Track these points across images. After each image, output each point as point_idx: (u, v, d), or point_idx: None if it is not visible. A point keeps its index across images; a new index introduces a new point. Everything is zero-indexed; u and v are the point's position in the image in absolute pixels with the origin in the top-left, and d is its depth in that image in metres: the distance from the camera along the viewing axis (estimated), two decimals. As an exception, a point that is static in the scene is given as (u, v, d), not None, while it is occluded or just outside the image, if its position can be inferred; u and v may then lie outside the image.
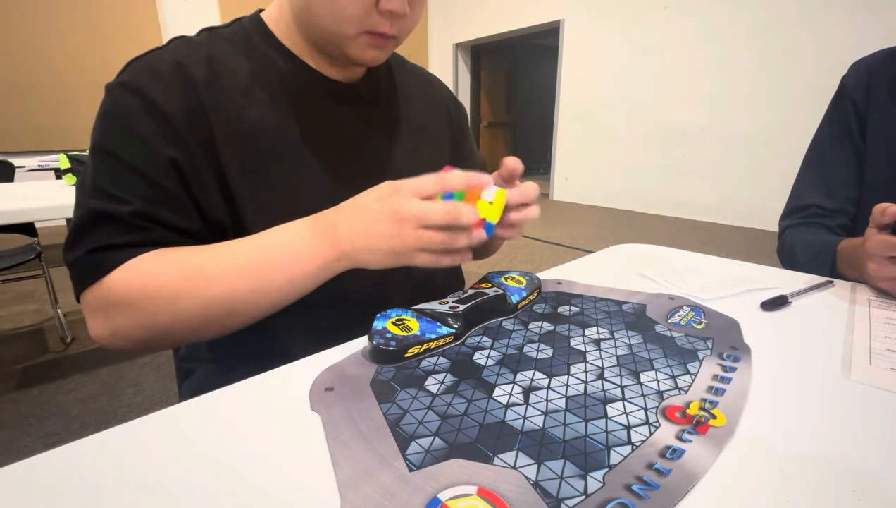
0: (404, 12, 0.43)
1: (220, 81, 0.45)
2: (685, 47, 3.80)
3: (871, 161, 0.72)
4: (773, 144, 3.43)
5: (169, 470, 0.25)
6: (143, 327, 0.40)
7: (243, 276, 0.40)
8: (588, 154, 4.75)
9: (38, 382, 1.50)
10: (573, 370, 0.36)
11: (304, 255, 0.40)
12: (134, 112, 0.42)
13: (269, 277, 0.40)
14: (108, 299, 0.40)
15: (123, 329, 0.41)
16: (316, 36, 0.47)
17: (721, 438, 0.28)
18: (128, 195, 0.41)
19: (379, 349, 0.37)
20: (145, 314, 0.40)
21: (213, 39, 0.48)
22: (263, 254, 0.40)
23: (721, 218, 3.84)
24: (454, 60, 5.92)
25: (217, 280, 0.40)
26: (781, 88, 3.33)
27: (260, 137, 0.46)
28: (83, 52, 3.88)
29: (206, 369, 0.54)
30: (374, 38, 0.45)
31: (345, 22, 0.43)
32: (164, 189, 0.42)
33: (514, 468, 0.25)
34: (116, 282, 0.40)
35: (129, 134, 0.42)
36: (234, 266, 0.40)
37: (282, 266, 0.40)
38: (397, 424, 0.29)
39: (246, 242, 0.42)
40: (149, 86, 0.42)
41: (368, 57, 0.47)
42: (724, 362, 0.37)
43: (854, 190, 0.75)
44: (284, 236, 0.41)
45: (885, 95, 0.70)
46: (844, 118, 0.75)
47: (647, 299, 0.50)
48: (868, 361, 0.37)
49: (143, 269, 0.40)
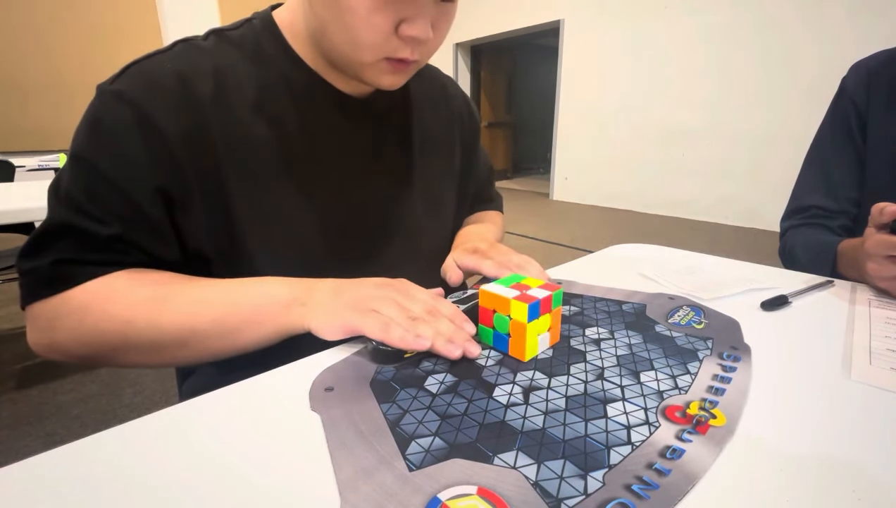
0: (427, 37, 0.40)
1: (227, 97, 0.42)
2: (685, 47, 3.80)
3: (872, 162, 0.72)
4: (773, 143, 3.43)
5: (169, 470, 0.25)
6: (87, 345, 0.38)
7: (210, 317, 0.38)
8: (588, 154, 4.75)
9: (38, 382, 1.50)
10: (573, 370, 0.36)
11: (279, 314, 0.38)
12: (125, 126, 0.38)
13: (238, 329, 0.39)
14: (58, 311, 0.38)
15: (63, 344, 0.39)
16: (331, 56, 0.44)
17: (721, 438, 0.28)
18: (106, 215, 0.39)
19: (379, 349, 0.36)
20: (93, 334, 0.38)
21: (220, 45, 0.45)
22: (240, 306, 0.39)
23: (721, 218, 3.84)
24: (454, 60, 5.92)
25: (180, 311, 0.38)
26: (782, 88, 3.33)
27: (266, 154, 0.44)
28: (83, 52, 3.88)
29: (206, 369, 0.54)
30: (394, 64, 0.42)
31: (362, 49, 0.40)
32: (145, 214, 0.40)
33: (514, 468, 0.25)
34: (74, 296, 0.38)
35: (116, 149, 0.39)
36: (206, 302, 0.39)
37: (255, 323, 0.39)
38: (397, 424, 0.29)
39: (225, 286, 0.40)
40: (146, 99, 0.39)
41: (386, 83, 0.44)
42: (724, 362, 0.37)
43: (855, 191, 0.75)
44: (265, 293, 0.39)
45: (885, 97, 0.70)
46: (845, 119, 0.75)
47: (646, 299, 0.50)
48: (868, 361, 0.37)
49: (107, 287, 0.38)
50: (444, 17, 0.42)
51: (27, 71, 3.70)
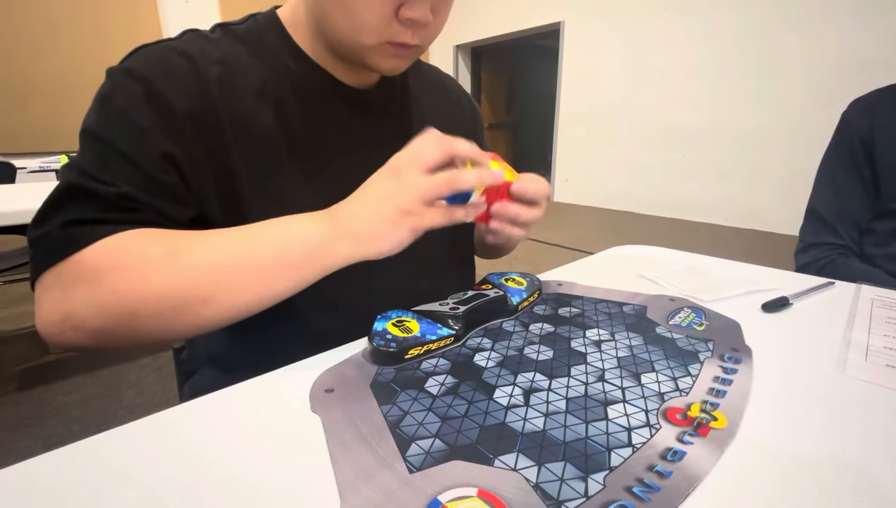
0: (427, 20, 0.41)
1: (234, 81, 0.43)
2: (685, 48, 3.80)
3: (886, 185, 0.75)
4: (773, 145, 3.42)
5: (169, 471, 0.25)
6: (103, 311, 0.34)
7: (234, 264, 0.36)
8: (588, 155, 4.75)
9: (39, 383, 1.50)
10: (574, 372, 0.36)
11: (313, 253, 0.37)
12: (135, 100, 0.39)
13: (271, 274, 0.37)
14: (72, 274, 0.35)
15: (78, 313, 0.35)
16: (333, 42, 0.45)
17: (722, 440, 0.28)
18: (116, 180, 0.37)
19: (379, 351, 0.36)
20: (110, 294, 0.34)
21: (226, 38, 0.46)
22: (271, 249, 0.37)
23: (721, 219, 3.84)
24: (455, 62, 5.93)
25: (199, 263, 0.36)
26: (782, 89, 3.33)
27: (270, 142, 0.44)
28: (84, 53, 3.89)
29: (206, 370, 0.54)
30: (396, 47, 0.43)
31: (363, 32, 0.41)
32: (157, 181, 0.39)
33: (515, 469, 0.25)
34: (87, 256, 0.35)
35: (125, 122, 0.39)
36: (228, 249, 0.37)
37: (291, 267, 0.37)
38: (397, 425, 0.29)
39: (250, 231, 0.38)
40: (155, 76, 0.40)
41: (388, 67, 0.45)
42: (725, 363, 0.37)
43: (866, 218, 0.79)
44: (294, 233, 0.38)
45: (890, 124, 0.74)
46: (851, 151, 0.79)
47: (647, 301, 0.50)
48: (870, 361, 0.37)
49: (122, 245, 0.36)
50: (444, 1, 0.43)
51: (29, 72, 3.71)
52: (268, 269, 0.37)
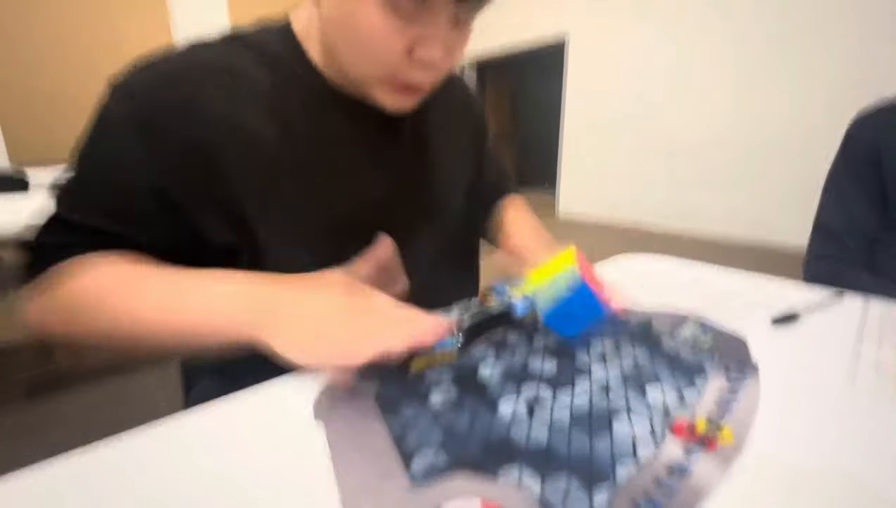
0: (441, 64, 0.39)
1: (238, 97, 0.42)
2: (691, 60, 3.83)
3: (893, 197, 0.76)
4: (780, 155, 3.42)
5: (172, 480, 0.25)
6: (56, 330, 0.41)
7: (159, 318, 0.37)
8: (593, 167, 4.76)
9: (45, 392, 1.51)
10: (578, 385, 0.35)
11: (229, 330, 0.36)
12: (129, 131, 0.39)
13: (183, 330, 0.37)
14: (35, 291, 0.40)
15: (42, 323, 0.41)
16: (342, 71, 0.44)
17: (729, 455, 0.27)
18: (92, 211, 0.40)
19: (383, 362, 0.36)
20: (53, 316, 0.40)
21: (234, 47, 0.45)
22: (192, 313, 0.37)
23: (728, 230, 3.82)
24: (460, 75, 6.00)
25: (125, 313, 0.38)
26: (789, 100, 3.33)
27: (275, 153, 0.44)
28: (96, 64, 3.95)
29: (210, 379, 0.54)
30: (403, 88, 0.41)
31: (370, 68, 0.39)
32: (141, 212, 0.40)
33: (519, 483, 0.25)
34: (45, 280, 0.39)
35: (114, 148, 0.39)
36: (156, 306, 0.38)
37: (203, 330, 0.37)
38: (400, 438, 0.29)
39: (185, 286, 0.38)
40: (154, 107, 0.39)
41: (391, 104, 0.43)
42: (732, 377, 0.37)
43: (874, 230, 0.79)
44: (223, 303, 0.37)
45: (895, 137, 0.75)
46: (857, 165, 0.80)
47: (652, 313, 0.50)
48: (880, 374, 0.37)
49: (65, 278, 0.39)
50: (459, 42, 0.42)
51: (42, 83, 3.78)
52: (186, 333, 0.37)
